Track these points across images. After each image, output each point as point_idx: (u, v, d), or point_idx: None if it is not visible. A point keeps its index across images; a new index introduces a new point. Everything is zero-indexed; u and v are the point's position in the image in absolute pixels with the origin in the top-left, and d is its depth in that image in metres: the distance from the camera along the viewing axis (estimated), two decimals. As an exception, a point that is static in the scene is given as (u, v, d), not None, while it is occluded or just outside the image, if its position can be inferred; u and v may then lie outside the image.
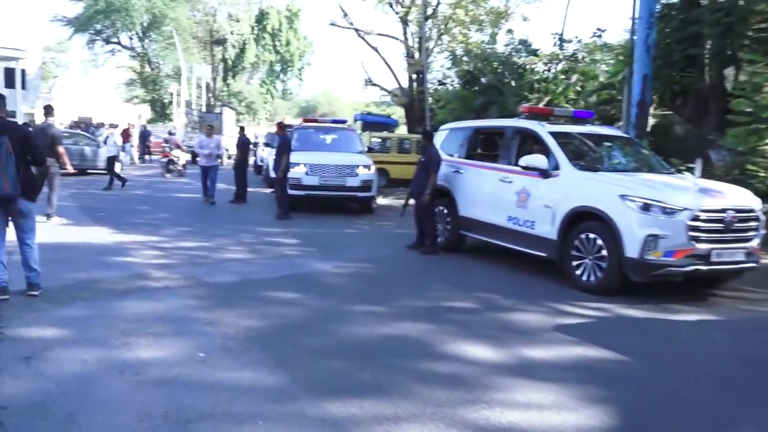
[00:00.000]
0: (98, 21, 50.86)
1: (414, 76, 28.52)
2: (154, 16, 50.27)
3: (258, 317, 5.50)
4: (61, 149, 11.21)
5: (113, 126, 20.87)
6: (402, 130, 29.83)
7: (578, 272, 7.29)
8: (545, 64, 19.21)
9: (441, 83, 28.73)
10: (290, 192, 13.04)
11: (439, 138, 10.42)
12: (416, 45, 28.33)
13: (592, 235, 7.14)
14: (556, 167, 7.80)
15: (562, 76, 18.97)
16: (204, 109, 53.99)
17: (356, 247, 9.78)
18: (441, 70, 28.96)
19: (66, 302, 5.68)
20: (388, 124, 27.61)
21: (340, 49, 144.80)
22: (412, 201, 9.97)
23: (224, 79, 59.33)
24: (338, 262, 8.35)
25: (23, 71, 53.29)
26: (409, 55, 28.30)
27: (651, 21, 11.86)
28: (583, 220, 7.29)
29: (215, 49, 59.18)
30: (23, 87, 52.50)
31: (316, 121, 16.48)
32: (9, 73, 51.80)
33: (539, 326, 5.67)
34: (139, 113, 57.28)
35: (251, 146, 23.57)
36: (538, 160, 7.85)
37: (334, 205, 14.35)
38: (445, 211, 9.68)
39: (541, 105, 18.84)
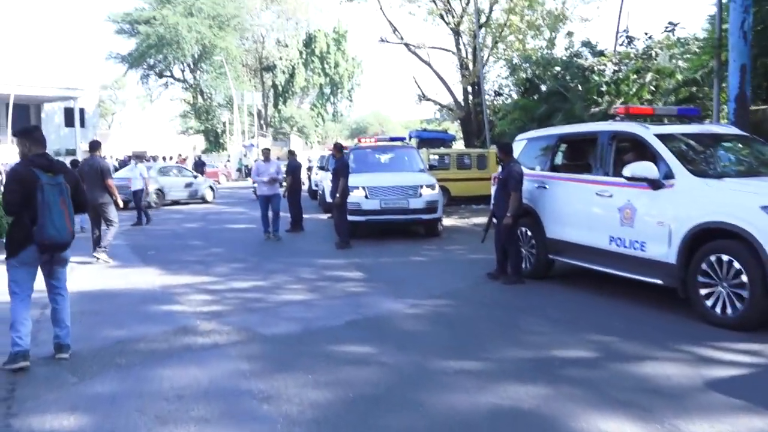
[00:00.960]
0: (151, 55, 51.72)
1: (469, 88, 27.36)
2: (203, 47, 50.79)
3: (326, 386, 4.40)
4: (110, 182, 10.65)
5: (139, 157, 19.42)
6: (458, 145, 28.62)
7: (709, 303, 5.94)
8: (615, 64, 17.71)
9: (498, 93, 27.47)
10: (350, 218, 12.02)
11: (515, 149, 9.23)
12: (470, 56, 27.22)
13: (725, 257, 5.79)
14: (669, 176, 6.48)
15: (634, 76, 17.47)
16: (255, 136, 54.20)
17: (429, 278, 8.63)
18: (497, 80, 27.73)
19: (96, 372, 4.72)
20: (445, 140, 26.49)
21: (388, 68, 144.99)
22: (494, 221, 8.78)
23: (275, 105, 59.49)
24: (411, 299, 7.22)
25: (82, 110, 54.62)
26: (463, 67, 27.20)
27: (746, 4, 10.43)
28: (712, 238, 5.96)
29: (265, 75, 59.52)
30: (82, 125, 53.79)
31: (373, 141, 15.44)
32: (68, 113, 53.34)
33: (687, 384, 4.38)
34: (194, 144, 57.95)
35: (307, 170, 22.84)
36: (646, 168, 6.55)
37: (397, 229, 13.27)
38: (529, 233, 8.44)
39: (613, 109, 17.43)
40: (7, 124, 41.91)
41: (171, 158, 30.13)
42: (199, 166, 31.52)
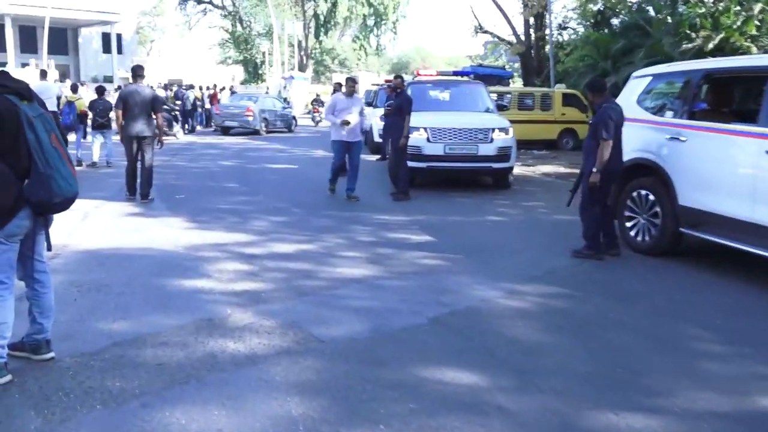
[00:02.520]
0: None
1: (531, 20, 24.83)
2: (244, -29, 48.25)
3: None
4: (160, 115, 9.54)
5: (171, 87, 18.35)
6: (517, 83, 26.26)
7: None
8: (718, -8, 15.22)
9: (563, 27, 24.94)
10: (408, 163, 10.25)
11: (633, 89, 7.29)
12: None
13: None
14: None
15: (737, 8, 14.99)
16: (297, 68, 52.04)
17: (517, 249, 6.89)
18: (562, 12, 25.13)
19: (71, 408, 3.14)
20: (502, 77, 24.22)
21: (433, 2, 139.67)
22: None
23: (316, 36, 56.97)
24: (507, 282, 5.51)
25: (119, 36, 53.06)
26: (527, -4, 24.56)
27: None
28: None
29: (306, 4, 56.80)
30: (119, 51, 52.35)
31: (434, 74, 13.43)
32: (106, 38, 51.82)
33: None
34: (233, 75, 56.13)
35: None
36: None
37: (458, 179, 11.47)
38: (651, 197, 6.58)
39: (711, 45, 15.08)
40: (43, 47, 40.65)
41: (208, 88, 28.32)
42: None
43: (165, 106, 21.19)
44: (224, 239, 6.93)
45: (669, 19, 16.21)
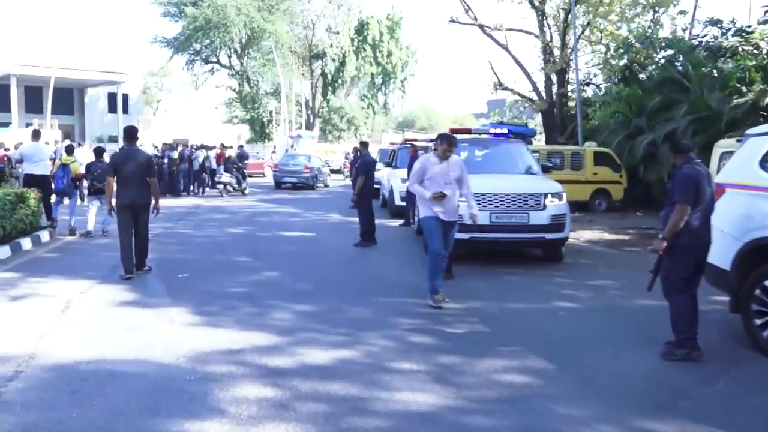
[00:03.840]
0: (197, 39, 49.17)
1: (553, 77, 23.83)
2: (252, 31, 48.03)
3: None
4: (155, 180, 8.58)
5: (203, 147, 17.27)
6: (539, 142, 25.02)
7: None
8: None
9: (585, 84, 23.90)
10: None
11: (752, 150, 5.89)
12: (555, 40, 23.64)
13: None
14: None
15: (794, 59, 13.84)
16: (304, 126, 51.31)
17: (616, 353, 5.35)
18: (585, 68, 24.15)
19: None
20: (525, 135, 22.98)
21: (437, 61, 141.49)
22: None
23: (324, 95, 56.51)
24: (635, 417, 3.96)
25: (125, 96, 52.61)
26: (547, 52, 23.64)
27: None
28: None
29: (314, 64, 56.59)
30: (125, 111, 51.80)
31: (467, 131, 12.07)
32: (112, 98, 51.37)
33: None
34: (239, 134, 55.40)
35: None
36: None
37: (504, 251, 9.99)
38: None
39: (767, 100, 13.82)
40: (47, 107, 39.95)
41: (214, 147, 27.13)
42: (242, 159, 27.79)
43: (235, 165, 23.07)
44: (239, 342, 5.40)
45: (714, 73, 15.00)
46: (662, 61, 20.45)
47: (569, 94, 23.97)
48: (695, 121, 15.20)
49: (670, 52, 18.62)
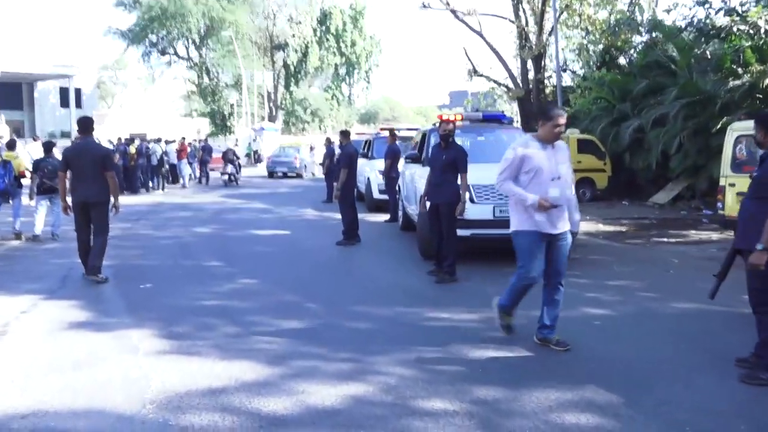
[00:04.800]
0: (153, 30, 47.23)
1: (529, 63, 23.01)
2: (211, 21, 46.26)
3: None
4: (112, 174, 7.56)
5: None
6: (516, 130, 24.20)
7: None
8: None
9: (562, 70, 23.14)
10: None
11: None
12: (532, 25, 22.80)
13: None
14: None
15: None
16: (266, 119, 49.73)
17: (678, 374, 4.42)
18: (562, 54, 23.35)
19: None
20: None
21: (398, 52, 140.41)
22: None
23: (286, 86, 55.00)
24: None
25: (78, 90, 50.17)
26: (523, 38, 22.80)
27: None
28: None
29: (276, 54, 55.00)
30: (78, 106, 49.39)
31: (455, 119, 11.00)
32: (63, 93, 48.93)
33: None
34: (198, 127, 53.52)
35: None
36: None
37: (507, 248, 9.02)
38: None
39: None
40: (-6, 102, 37.74)
41: (173, 141, 25.61)
42: (207, 152, 26.35)
43: (233, 155, 23.99)
44: (220, 376, 4.30)
45: (708, 55, 14.29)
46: (641, 45, 19.83)
47: (546, 80, 23.22)
48: (687, 105, 14.51)
49: (653, 35, 17.88)
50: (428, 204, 7.73)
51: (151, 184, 21.10)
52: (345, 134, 10.84)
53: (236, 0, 48.11)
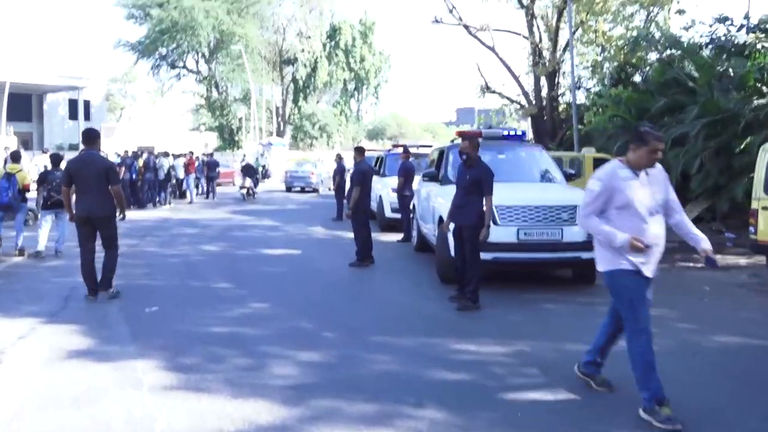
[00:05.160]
0: (163, 43, 47.18)
1: (542, 79, 22.70)
2: (221, 35, 46.19)
3: None
4: (118, 188, 7.27)
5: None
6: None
7: None
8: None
9: (576, 87, 22.78)
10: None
11: None
12: (546, 41, 22.53)
13: None
14: None
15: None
16: (274, 134, 49.54)
17: (744, 421, 3.99)
18: (576, 71, 23.00)
19: None
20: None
21: (406, 68, 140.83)
22: None
23: (295, 101, 54.89)
24: None
25: (87, 102, 50.14)
26: (537, 54, 22.51)
27: None
28: None
29: (285, 69, 54.96)
30: (87, 118, 49.32)
31: (477, 134, 10.59)
32: (73, 105, 48.89)
33: None
34: (206, 141, 53.37)
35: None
36: None
37: (530, 272, 8.64)
38: None
39: None
40: (2, 113, 37.64)
41: (181, 156, 25.32)
42: (212, 167, 25.86)
43: (252, 170, 24.81)
44: (233, 417, 3.91)
45: (731, 72, 13.92)
46: (655, 63, 19.50)
47: (558, 98, 22.90)
48: (708, 124, 14.10)
49: (670, 52, 17.52)
50: (452, 225, 7.33)
51: (158, 198, 20.78)
52: (359, 151, 10.45)
53: (246, 14, 48.09)
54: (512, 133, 10.62)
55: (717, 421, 4.03)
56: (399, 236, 12.87)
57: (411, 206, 12.01)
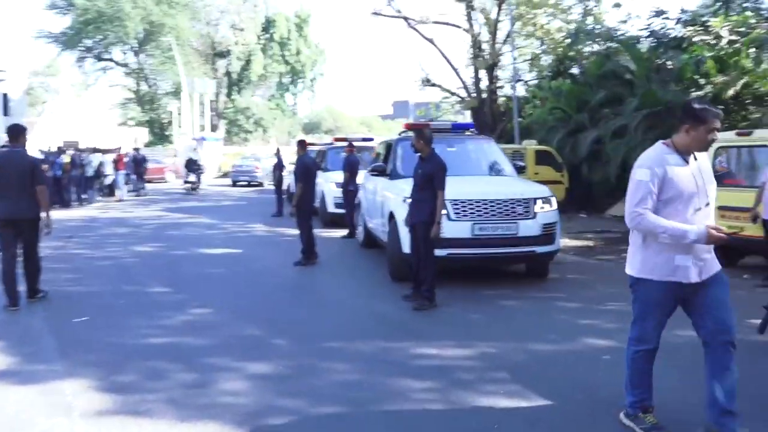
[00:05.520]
0: (88, 34, 45.05)
1: (482, 72, 22.68)
2: (150, 26, 44.43)
3: None
4: (43, 188, 6.70)
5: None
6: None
7: None
8: (730, 32, 13.21)
9: (515, 80, 22.92)
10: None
11: None
12: (486, 34, 22.50)
13: None
14: None
15: (753, 49, 13.04)
16: (208, 128, 48.09)
17: None
18: (514, 64, 23.11)
19: None
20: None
21: (341, 61, 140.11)
22: None
23: (229, 95, 53.49)
24: None
25: (5, 95, 47.47)
26: (477, 47, 22.46)
27: None
28: None
29: (218, 62, 53.46)
30: (5, 113, 46.64)
31: (426, 126, 10.25)
32: (-11, 98, 46.20)
33: None
34: (135, 136, 51.32)
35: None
36: None
37: (482, 267, 8.41)
38: None
39: (732, 91, 12.99)
40: None
41: (108, 151, 24.13)
42: (140, 163, 24.62)
43: (196, 165, 25.45)
44: (180, 447, 3.45)
45: (669, 65, 14.13)
46: (594, 55, 19.75)
47: (497, 90, 22.95)
48: (647, 116, 14.29)
49: (608, 45, 17.74)
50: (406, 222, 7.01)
51: (84, 196, 19.69)
52: (302, 144, 9.96)
53: (177, 4, 46.45)
54: (462, 124, 10.34)
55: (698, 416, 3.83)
56: (343, 232, 12.49)
57: (356, 201, 11.64)
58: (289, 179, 17.06)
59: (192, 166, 25.30)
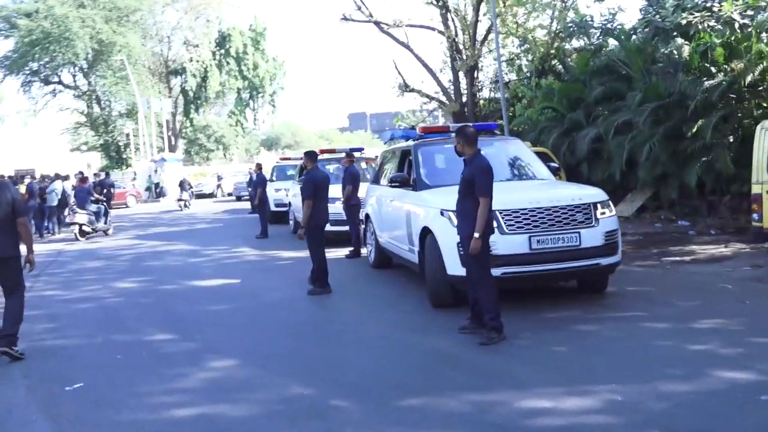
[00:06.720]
0: (34, 57, 42.75)
1: (461, 75, 21.80)
2: (100, 45, 42.40)
3: None
4: (24, 221, 5.87)
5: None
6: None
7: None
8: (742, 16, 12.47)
9: (496, 81, 22.10)
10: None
11: None
12: (461, 37, 21.62)
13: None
14: None
15: (765, 33, 12.33)
16: (166, 149, 46.24)
17: None
18: (493, 65, 22.36)
19: None
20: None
21: (298, 74, 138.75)
22: None
23: (186, 114, 51.64)
24: None
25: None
26: (455, 50, 21.57)
27: None
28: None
29: (173, 80, 51.63)
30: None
31: (445, 129, 9.12)
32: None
33: None
34: (88, 162, 48.97)
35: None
36: None
37: (530, 288, 7.32)
38: None
39: (749, 78, 12.21)
40: None
41: (67, 177, 22.36)
42: (105, 188, 22.82)
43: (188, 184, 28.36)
44: None
45: (676, 55, 13.35)
46: (575, 52, 19.06)
47: (478, 93, 22.09)
48: (658, 109, 13.49)
49: (600, 39, 17.02)
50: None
51: (46, 228, 18.02)
52: (311, 156, 8.63)
53: (127, 22, 44.53)
54: (484, 125, 9.32)
55: None
56: (345, 251, 11.30)
57: (363, 216, 10.48)
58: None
59: (184, 185, 28.37)
